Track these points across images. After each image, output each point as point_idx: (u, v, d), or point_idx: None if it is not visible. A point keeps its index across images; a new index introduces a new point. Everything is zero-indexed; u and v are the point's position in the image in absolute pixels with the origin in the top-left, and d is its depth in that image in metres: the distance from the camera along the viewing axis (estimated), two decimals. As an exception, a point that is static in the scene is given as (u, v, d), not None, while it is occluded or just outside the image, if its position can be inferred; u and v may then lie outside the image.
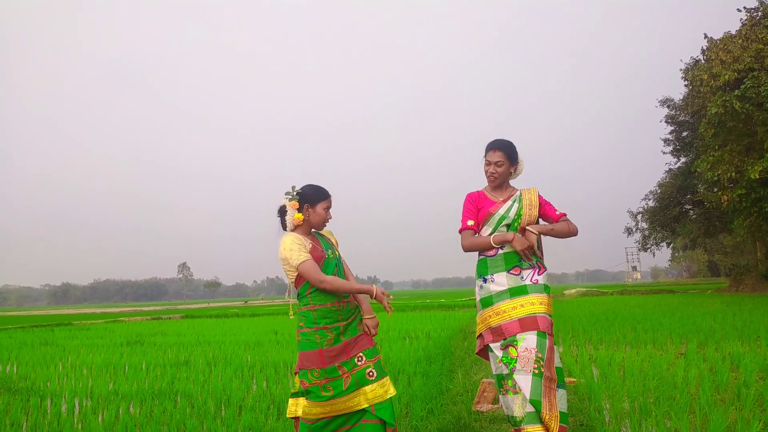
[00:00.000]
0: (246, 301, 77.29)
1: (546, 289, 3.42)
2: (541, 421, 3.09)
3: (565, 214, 3.53)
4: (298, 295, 3.30)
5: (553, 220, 3.52)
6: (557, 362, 3.32)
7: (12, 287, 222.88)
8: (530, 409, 3.08)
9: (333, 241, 3.48)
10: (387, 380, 3.23)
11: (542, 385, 3.11)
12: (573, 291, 37.47)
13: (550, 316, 3.36)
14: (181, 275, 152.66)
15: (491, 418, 4.12)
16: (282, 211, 3.39)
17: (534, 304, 3.33)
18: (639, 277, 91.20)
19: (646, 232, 35.45)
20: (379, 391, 3.19)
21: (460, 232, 3.59)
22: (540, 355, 3.18)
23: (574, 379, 5.21)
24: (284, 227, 3.38)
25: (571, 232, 3.50)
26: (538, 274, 3.44)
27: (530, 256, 3.41)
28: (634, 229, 36.58)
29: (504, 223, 3.48)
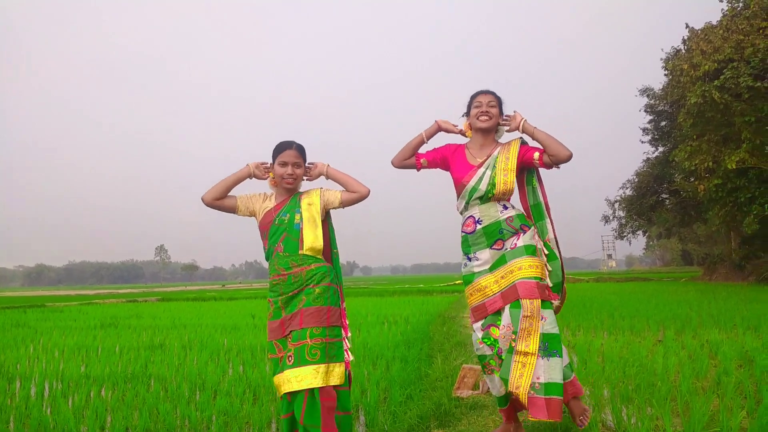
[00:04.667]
0: (224, 285, 76.87)
1: (528, 249, 3.14)
2: (507, 402, 3.08)
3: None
4: None
5: (538, 162, 3.20)
6: (549, 328, 2.95)
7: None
8: (503, 389, 3.03)
9: (312, 198, 3.27)
10: (307, 369, 2.90)
11: (512, 360, 2.94)
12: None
13: (534, 278, 3.04)
14: (158, 258, 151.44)
15: (471, 405, 4.06)
16: None
17: (513, 272, 3.10)
18: (614, 265, 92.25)
19: (623, 221, 35.74)
20: (292, 379, 2.91)
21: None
22: (512, 328, 3.01)
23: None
24: None
25: (561, 145, 3.10)
26: (520, 237, 3.19)
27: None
28: (611, 218, 36.88)
29: (476, 196, 3.25)
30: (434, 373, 5.09)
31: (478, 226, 3.25)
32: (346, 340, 3.14)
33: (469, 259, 3.30)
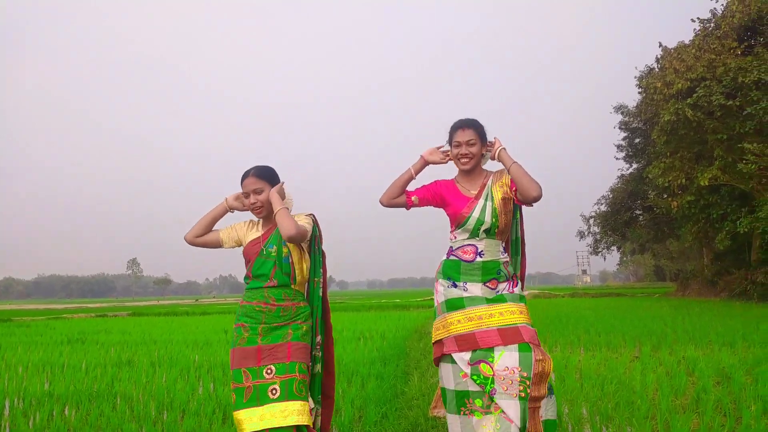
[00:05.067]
0: (197, 299, 75.82)
1: (522, 299, 3.08)
2: None
3: None
4: None
5: (514, 194, 3.08)
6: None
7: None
8: None
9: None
10: (294, 405, 2.76)
11: (527, 408, 2.76)
12: (526, 293, 37.85)
13: (532, 326, 2.98)
14: (130, 271, 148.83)
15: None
16: None
17: (514, 313, 2.95)
18: (589, 280, 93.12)
19: (598, 236, 36.08)
20: (278, 414, 2.74)
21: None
22: (525, 375, 2.77)
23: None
24: None
25: (533, 181, 2.94)
26: (514, 286, 3.13)
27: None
28: (586, 233, 37.20)
29: (483, 228, 3.08)
30: (411, 391, 4.98)
31: (479, 258, 3.09)
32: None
33: (455, 286, 3.12)
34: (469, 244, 3.12)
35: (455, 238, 3.19)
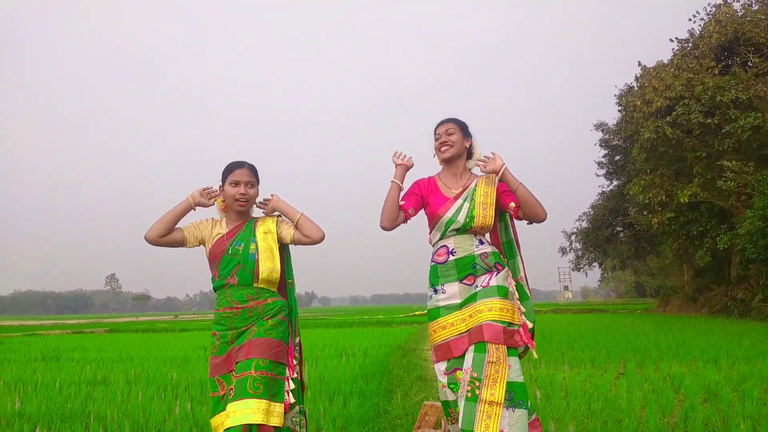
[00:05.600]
0: (177, 315, 74.76)
1: (500, 290, 2.93)
2: None
3: None
4: None
5: (513, 213, 3.05)
6: (515, 377, 2.75)
7: None
8: None
9: (268, 226, 3.04)
10: (246, 403, 2.64)
11: (476, 410, 2.66)
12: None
13: (503, 322, 2.82)
14: (108, 287, 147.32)
15: (433, 444, 3.84)
16: None
17: (482, 312, 2.86)
18: (570, 296, 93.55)
19: (580, 253, 36.26)
20: (230, 414, 2.66)
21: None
22: (475, 375, 2.71)
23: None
24: None
25: (539, 206, 2.95)
26: (494, 276, 2.99)
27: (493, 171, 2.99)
28: (568, 249, 37.37)
29: (452, 227, 3.05)
30: (394, 410, 4.86)
31: (451, 257, 3.05)
32: (290, 381, 2.88)
33: (435, 291, 3.07)
34: (442, 245, 3.11)
35: (432, 240, 3.18)
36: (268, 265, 2.94)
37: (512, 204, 3.02)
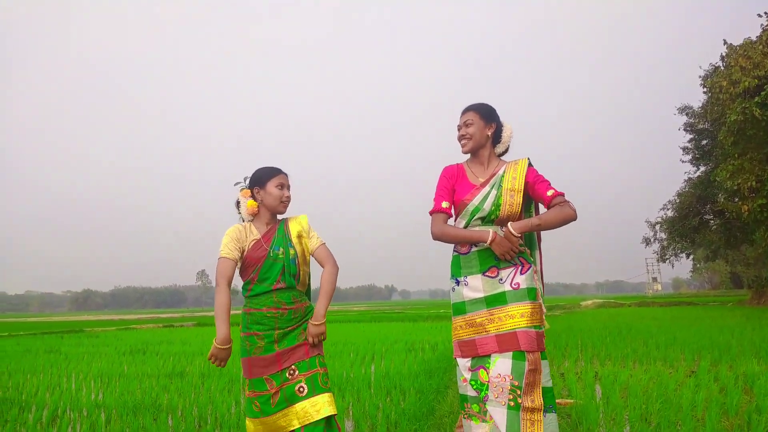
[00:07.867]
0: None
1: (530, 294, 2.86)
2: None
3: (561, 194, 2.89)
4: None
5: (545, 203, 2.91)
6: (545, 381, 2.79)
7: (34, 293, 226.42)
8: None
9: (299, 230, 3.10)
10: (323, 398, 2.84)
11: (521, 418, 2.66)
12: (590, 302, 36.92)
13: (536, 328, 2.80)
14: (199, 282, 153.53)
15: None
16: (237, 204, 3.15)
17: (514, 317, 2.80)
18: (660, 288, 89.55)
19: (665, 243, 34.77)
20: (310, 410, 2.82)
21: (431, 214, 3.03)
22: (516, 383, 2.69)
23: (572, 400, 4.89)
24: (243, 220, 3.16)
25: (566, 219, 2.82)
26: (521, 273, 2.89)
27: (512, 258, 2.87)
28: (652, 240, 35.90)
29: (477, 216, 2.94)
30: (442, 408, 4.88)
31: (474, 248, 2.95)
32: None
33: (458, 283, 2.99)
34: None
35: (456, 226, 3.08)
36: (305, 269, 3.09)
37: (549, 192, 2.89)
